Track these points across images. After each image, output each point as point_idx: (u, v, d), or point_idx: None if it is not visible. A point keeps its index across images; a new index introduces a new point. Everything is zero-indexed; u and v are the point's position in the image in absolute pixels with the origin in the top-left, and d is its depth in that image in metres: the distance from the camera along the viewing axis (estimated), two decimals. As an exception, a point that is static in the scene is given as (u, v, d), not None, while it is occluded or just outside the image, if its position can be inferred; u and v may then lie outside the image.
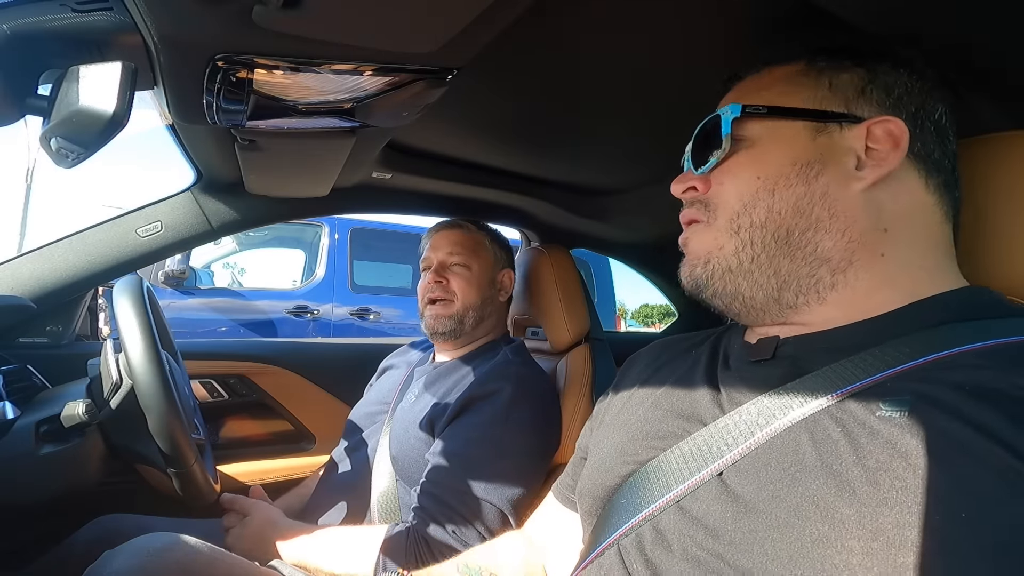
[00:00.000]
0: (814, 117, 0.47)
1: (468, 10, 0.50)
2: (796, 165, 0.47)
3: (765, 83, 0.51)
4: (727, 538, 0.39)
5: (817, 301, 0.47)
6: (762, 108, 0.49)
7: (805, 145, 0.47)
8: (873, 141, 0.46)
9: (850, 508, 0.34)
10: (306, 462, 1.45)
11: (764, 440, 0.41)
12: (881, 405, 0.37)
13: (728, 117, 0.49)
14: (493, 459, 0.89)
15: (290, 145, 0.86)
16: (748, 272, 0.48)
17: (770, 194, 0.47)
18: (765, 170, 0.48)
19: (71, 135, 0.46)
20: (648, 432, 0.51)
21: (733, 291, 0.50)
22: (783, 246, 0.47)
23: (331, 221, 3.75)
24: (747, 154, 0.49)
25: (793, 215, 0.47)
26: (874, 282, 0.46)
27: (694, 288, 0.52)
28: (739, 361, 0.51)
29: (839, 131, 0.47)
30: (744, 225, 0.48)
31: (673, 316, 2.24)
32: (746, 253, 0.48)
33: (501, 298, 1.14)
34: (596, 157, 1.13)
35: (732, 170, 0.50)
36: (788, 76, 0.50)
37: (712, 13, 0.62)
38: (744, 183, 0.49)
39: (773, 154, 0.48)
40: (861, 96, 0.47)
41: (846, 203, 0.46)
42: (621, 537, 0.46)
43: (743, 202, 0.48)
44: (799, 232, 0.47)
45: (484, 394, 0.94)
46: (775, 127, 0.49)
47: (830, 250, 0.46)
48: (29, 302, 1.02)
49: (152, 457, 0.83)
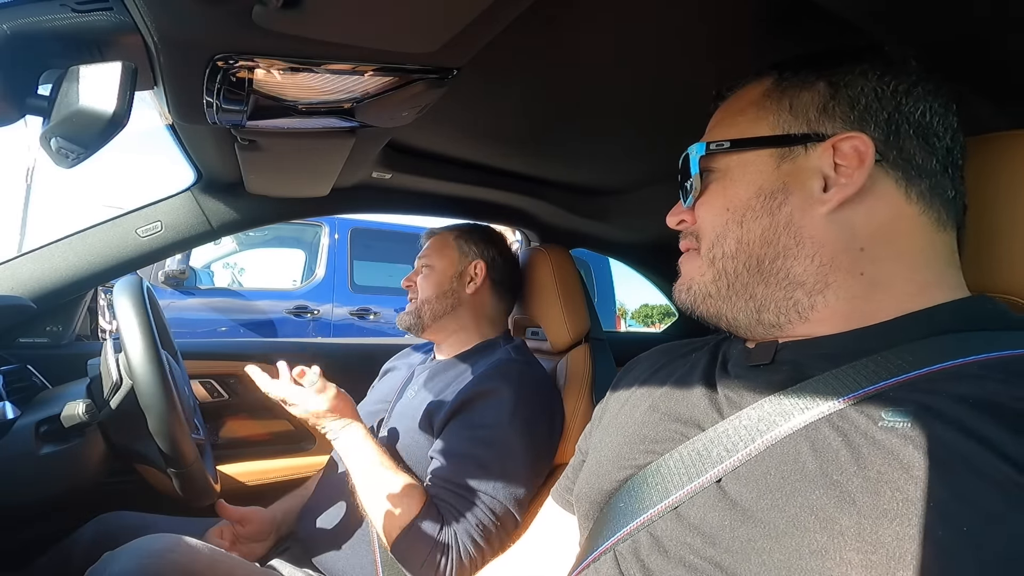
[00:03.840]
0: (777, 143, 0.47)
1: (468, 10, 0.50)
2: (761, 196, 0.47)
3: (738, 107, 0.52)
4: (725, 546, 0.38)
5: (799, 320, 0.47)
6: (725, 143, 0.50)
7: (769, 175, 0.47)
8: (841, 157, 0.45)
9: (850, 519, 0.34)
10: (306, 462, 1.45)
11: (764, 447, 0.41)
12: (883, 415, 0.37)
13: (695, 156, 0.51)
14: (500, 459, 0.90)
15: (290, 145, 0.87)
16: (726, 298, 0.50)
17: (738, 225, 0.48)
18: (733, 203, 0.49)
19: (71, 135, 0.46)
20: (646, 436, 0.51)
21: (716, 314, 0.51)
22: (755, 274, 0.48)
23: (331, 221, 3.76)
24: (718, 186, 0.51)
25: (761, 245, 0.47)
26: (856, 299, 0.45)
27: (685, 309, 0.54)
28: (738, 366, 0.50)
29: (804, 154, 0.46)
30: (718, 255, 0.50)
31: (673, 316, 2.24)
32: (722, 281, 0.50)
33: (468, 290, 1.14)
34: (596, 157, 1.13)
35: (706, 203, 0.51)
36: (756, 100, 0.50)
37: (711, 13, 0.62)
38: (716, 215, 0.50)
39: (740, 185, 0.49)
40: (823, 114, 0.46)
41: (812, 229, 0.45)
42: (618, 542, 0.46)
43: (716, 233, 0.50)
44: (769, 260, 0.47)
45: (486, 391, 0.95)
46: (742, 158, 0.49)
47: (802, 275, 0.46)
48: (29, 302, 1.02)
49: (152, 457, 0.83)
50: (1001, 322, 0.42)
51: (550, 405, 1.04)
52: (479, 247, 1.18)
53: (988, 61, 0.56)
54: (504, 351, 1.06)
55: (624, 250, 1.85)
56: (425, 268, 1.16)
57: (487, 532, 0.86)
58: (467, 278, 1.15)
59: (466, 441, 0.91)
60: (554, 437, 1.01)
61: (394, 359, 1.30)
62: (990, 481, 0.31)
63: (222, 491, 1.00)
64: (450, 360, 1.11)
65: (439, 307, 1.13)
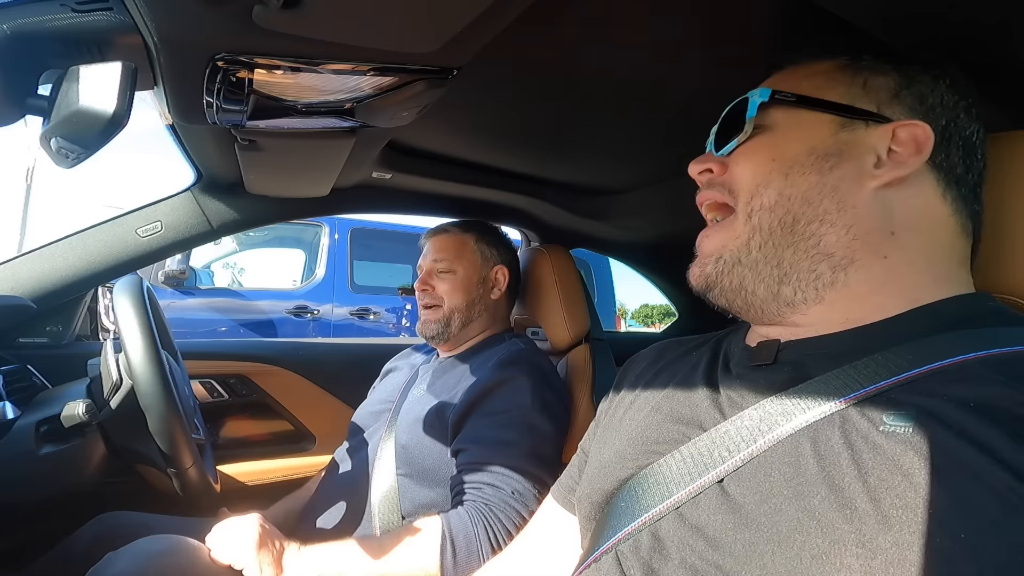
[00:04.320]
0: (840, 111, 0.48)
1: (468, 10, 0.50)
2: (812, 155, 0.47)
3: (804, 74, 0.51)
4: (727, 549, 0.38)
5: (815, 299, 0.47)
6: (790, 96, 0.49)
7: (824, 137, 0.47)
8: (896, 143, 0.46)
9: (850, 525, 0.34)
10: (306, 462, 1.45)
11: (766, 447, 0.41)
12: (884, 418, 0.37)
13: (756, 100, 0.50)
14: (527, 438, 0.91)
15: (290, 145, 0.86)
16: (754, 263, 0.49)
17: (783, 177, 0.48)
18: (780, 154, 0.48)
19: (71, 135, 0.46)
20: (648, 437, 0.51)
21: (738, 285, 0.50)
22: (788, 234, 0.47)
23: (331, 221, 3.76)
24: (767, 138, 0.50)
25: (801, 203, 0.47)
26: (873, 285, 0.45)
27: (703, 287, 0.52)
28: (740, 365, 0.50)
29: (864, 128, 0.47)
30: (756, 208, 0.48)
31: (673, 316, 2.24)
32: (755, 241, 0.48)
33: (493, 296, 1.14)
34: (596, 157, 1.13)
35: (749, 152, 0.50)
36: (828, 71, 0.50)
37: (711, 14, 0.61)
38: (759, 165, 0.49)
39: (792, 141, 0.48)
40: (894, 99, 0.47)
41: (856, 199, 0.46)
42: (619, 542, 0.46)
43: (756, 183, 0.49)
44: (805, 222, 0.47)
45: (502, 381, 0.95)
46: (799, 116, 0.49)
47: (833, 245, 0.46)
48: (29, 302, 1.02)
49: (152, 457, 0.83)
50: (1001, 319, 0.42)
51: (561, 390, 1.05)
52: (500, 251, 1.17)
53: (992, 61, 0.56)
54: (512, 343, 1.07)
55: (624, 250, 1.85)
56: (446, 273, 1.12)
57: (526, 500, 0.86)
58: (490, 283, 1.14)
59: (492, 428, 0.92)
60: (567, 420, 1.02)
61: (395, 359, 1.30)
62: (989, 488, 0.31)
63: (222, 491, 1.00)
64: (456, 357, 1.11)
65: (468, 315, 1.11)
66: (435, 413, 0.98)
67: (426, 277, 1.13)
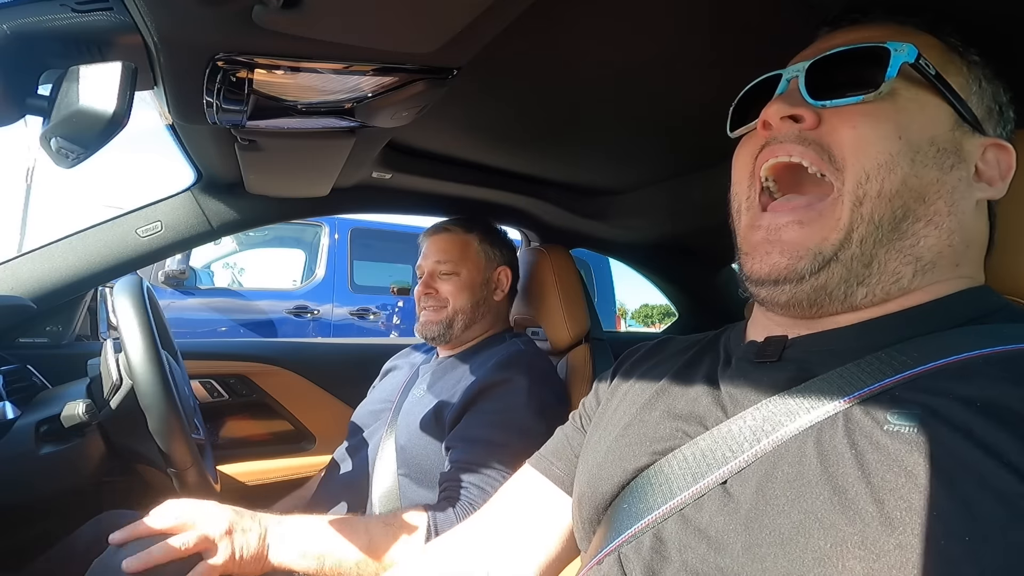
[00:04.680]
0: (962, 107, 0.43)
1: (468, 10, 0.50)
2: (934, 146, 0.42)
3: (922, 43, 0.43)
4: (729, 552, 0.38)
5: (880, 302, 0.43)
6: (932, 69, 0.41)
7: (945, 131, 0.43)
8: (982, 161, 0.44)
9: (853, 526, 0.34)
10: (306, 462, 1.45)
11: (770, 448, 0.40)
12: (888, 417, 0.36)
13: (901, 56, 0.41)
14: (518, 441, 0.90)
15: (290, 145, 0.87)
16: (848, 260, 0.42)
17: (910, 162, 0.41)
18: (908, 134, 0.41)
19: (71, 135, 0.46)
20: (646, 435, 0.50)
21: (822, 285, 0.43)
22: (892, 231, 0.41)
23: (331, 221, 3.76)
24: (891, 108, 0.41)
25: (918, 199, 0.41)
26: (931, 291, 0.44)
27: (781, 279, 0.43)
28: (742, 362, 0.49)
29: (970, 135, 0.44)
30: (871, 194, 0.41)
31: (673, 316, 2.24)
32: (858, 233, 0.41)
33: (496, 297, 1.14)
34: (596, 157, 1.13)
35: (871, 116, 0.41)
36: (941, 49, 0.45)
37: (711, 13, 0.61)
38: (884, 138, 0.41)
39: (917, 123, 0.41)
40: (998, 113, 0.46)
41: (965, 205, 0.43)
42: (622, 544, 0.45)
43: (877, 162, 0.41)
44: (913, 219, 0.42)
45: (500, 381, 0.95)
46: (926, 96, 0.42)
47: (928, 250, 0.42)
48: (29, 302, 1.02)
49: (152, 457, 0.83)
50: (1003, 315, 0.42)
51: (560, 392, 1.05)
52: (503, 252, 1.16)
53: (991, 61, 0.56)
54: (512, 343, 1.07)
55: (624, 250, 1.85)
56: (449, 275, 1.10)
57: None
58: (493, 285, 1.13)
59: (484, 427, 0.92)
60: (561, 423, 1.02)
61: (395, 358, 1.30)
62: (993, 491, 0.31)
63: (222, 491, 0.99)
64: (456, 357, 1.11)
65: (472, 317, 1.10)
66: (434, 413, 0.98)
67: (428, 279, 1.12)
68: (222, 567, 0.68)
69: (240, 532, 0.72)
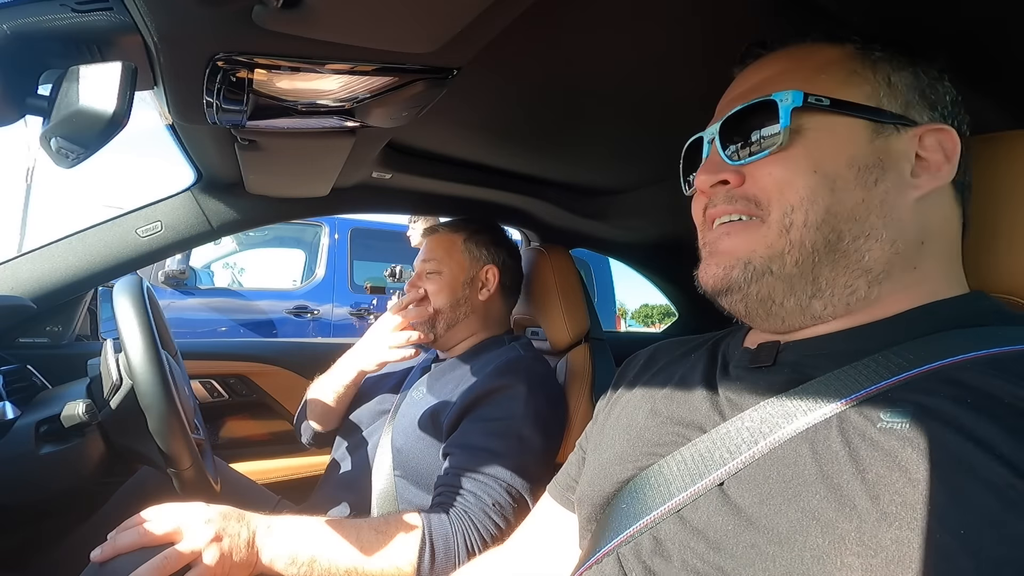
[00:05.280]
0: (876, 116, 0.44)
1: (468, 10, 0.50)
2: (854, 167, 0.44)
3: (814, 64, 0.46)
4: (729, 551, 0.38)
5: (844, 313, 0.45)
6: (824, 100, 0.44)
7: (862, 147, 0.44)
8: (923, 149, 0.44)
9: (850, 523, 0.34)
10: (306, 462, 1.45)
11: (767, 449, 0.40)
12: (882, 416, 0.37)
13: (788, 105, 0.44)
14: (516, 449, 0.90)
15: (290, 145, 0.86)
16: (788, 277, 0.45)
17: (829, 192, 0.44)
18: (822, 166, 0.44)
19: (71, 135, 0.46)
20: (647, 439, 0.50)
21: (766, 296, 0.46)
22: (830, 252, 0.44)
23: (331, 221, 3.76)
24: (801, 146, 0.44)
25: (848, 220, 0.44)
26: (898, 295, 0.45)
27: (721, 289, 0.48)
28: (739, 367, 0.50)
29: (895, 134, 0.44)
30: (797, 223, 0.44)
31: (673, 316, 2.24)
32: (791, 256, 0.44)
33: (481, 297, 1.12)
34: (596, 157, 1.13)
35: (782, 162, 0.45)
36: (842, 61, 0.46)
37: (711, 12, 0.61)
38: (800, 177, 0.44)
39: (829, 151, 0.44)
40: (920, 99, 0.45)
41: (901, 212, 0.44)
42: (620, 544, 0.46)
43: (799, 197, 0.44)
44: (850, 239, 0.44)
45: (498, 388, 0.95)
46: (831, 122, 0.45)
47: (875, 261, 0.44)
48: (29, 302, 1.02)
49: (152, 457, 0.83)
50: (997, 318, 0.42)
51: (558, 399, 1.05)
52: (490, 250, 1.15)
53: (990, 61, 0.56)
54: (511, 348, 1.07)
55: (624, 250, 1.85)
56: (433, 274, 1.11)
57: (504, 512, 0.86)
58: (479, 284, 1.12)
59: (481, 435, 0.92)
60: (561, 431, 1.02)
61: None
62: (987, 484, 0.31)
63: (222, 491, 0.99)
64: (456, 359, 1.11)
65: (452, 317, 1.10)
66: (430, 417, 0.98)
67: (415, 278, 1.13)
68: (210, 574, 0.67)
69: (228, 538, 0.70)
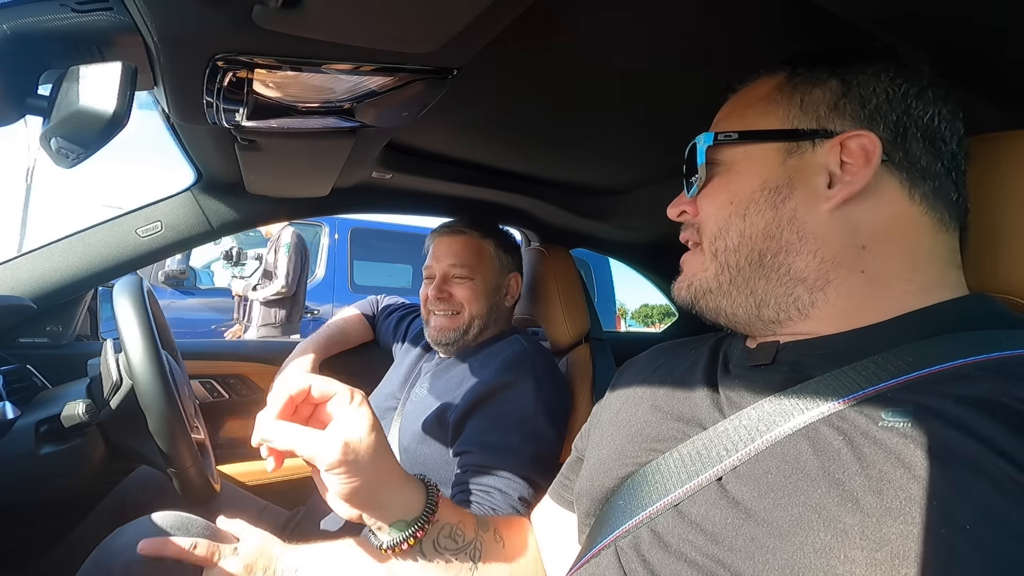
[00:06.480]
0: (784, 138, 0.48)
1: (468, 10, 0.50)
2: (765, 190, 0.48)
3: (748, 100, 0.52)
4: (727, 544, 0.38)
5: (799, 317, 0.47)
6: (733, 135, 0.50)
7: (774, 169, 0.48)
8: (848, 155, 0.45)
9: (853, 518, 0.34)
10: (306, 462, 1.45)
11: (765, 446, 0.41)
12: (883, 415, 0.37)
13: (702, 147, 0.51)
14: (532, 444, 0.90)
15: (290, 145, 0.87)
16: (727, 293, 0.50)
17: (741, 219, 0.49)
18: (737, 196, 0.49)
19: (71, 135, 0.46)
20: (647, 435, 0.51)
21: (715, 309, 0.52)
22: (757, 268, 0.48)
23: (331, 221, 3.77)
24: (722, 179, 0.51)
25: (763, 239, 0.48)
26: (856, 299, 0.45)
27: (686, 305, 0.55)
28: (739, 366, 0.51)
29: (811, 150, 0.47)
30: (720, 248, 0.50)
31: (673, 316, 2.24)
32: (724, 276, 0.50)
33: (507, 303, 1.14)
34: (596, 157, 1.13)
35: (709, 195, 0.51)
36: (767, 94, 0.50)
37: (711, 12, 0.61)
38: (719, 208, 0.50)
39: (744, 179, 0.49)
40: (834, 111, 0.47)
41: (815, 225, 0.46)
42: (618, 538, 0.46)
43: (718, 226, 0.50)
44: (771, 255, 0.48)
45: (507, 383, 0.95)
46: (748, 151, 0.49)
47: (803, 271, 0.46)
48: (29, 302, 1.02)
49: (152, 457, 0.83)
50: (998, 321, 0.42)
51: (564, 388, 1.06)
52: (514, 258, 1.16)
53: (990, 62, 0.56)
54: (514, 340, 1.07)
55: (624, 250, 1.85)
56: (464, 279, 1.08)
57: (530, 506, 0.85)
58: (504, 290, 1.13)
59: (496, 431, 0.92)
60: (569, 420, 1.02)
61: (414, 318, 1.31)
62: (991, 479, 0.32)
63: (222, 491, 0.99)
64: (457, 357, 1.10)
65: (486, 322, 1.09)
66: (436, 416, 0.98)
67: (441, 283, 1.09)
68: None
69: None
